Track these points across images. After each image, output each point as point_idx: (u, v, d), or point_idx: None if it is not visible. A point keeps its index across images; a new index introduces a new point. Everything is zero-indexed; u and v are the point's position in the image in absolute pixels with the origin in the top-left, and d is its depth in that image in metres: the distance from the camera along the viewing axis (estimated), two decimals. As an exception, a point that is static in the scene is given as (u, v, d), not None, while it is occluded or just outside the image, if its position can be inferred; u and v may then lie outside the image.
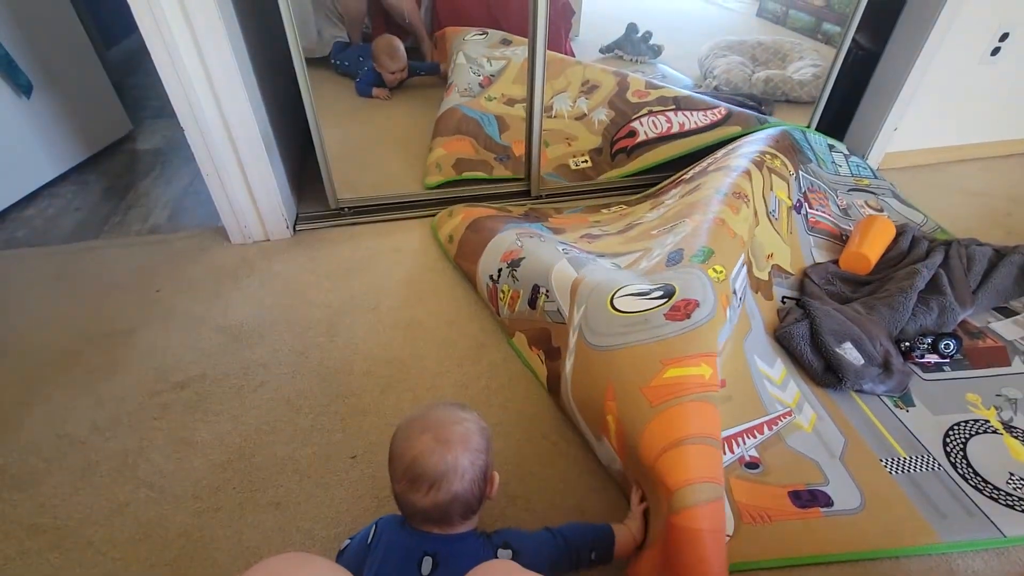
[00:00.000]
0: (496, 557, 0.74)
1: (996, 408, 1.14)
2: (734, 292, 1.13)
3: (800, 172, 1.61)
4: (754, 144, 1.60)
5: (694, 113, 1.80)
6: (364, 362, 1.24)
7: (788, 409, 1.13)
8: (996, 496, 0.98)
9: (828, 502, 0.97)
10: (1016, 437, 1.08)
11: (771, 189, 1.49)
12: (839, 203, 1.65)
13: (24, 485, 1.01)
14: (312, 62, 1.49)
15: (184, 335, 1.32)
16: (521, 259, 1.30)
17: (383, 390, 1.18)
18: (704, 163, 1.67)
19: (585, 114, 1.94)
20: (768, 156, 1.54)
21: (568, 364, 1.05)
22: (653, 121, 1.83)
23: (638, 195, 1.79)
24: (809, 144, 1.78)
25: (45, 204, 1.85)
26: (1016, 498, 0.98)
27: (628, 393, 0.90)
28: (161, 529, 0.93)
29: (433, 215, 1.72)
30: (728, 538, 0.92)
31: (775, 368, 1.22)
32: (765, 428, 1.09)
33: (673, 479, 0.79)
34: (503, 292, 1.30)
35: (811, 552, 0.91)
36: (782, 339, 1.26)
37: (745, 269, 1.25)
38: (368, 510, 0.96)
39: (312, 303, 1.41)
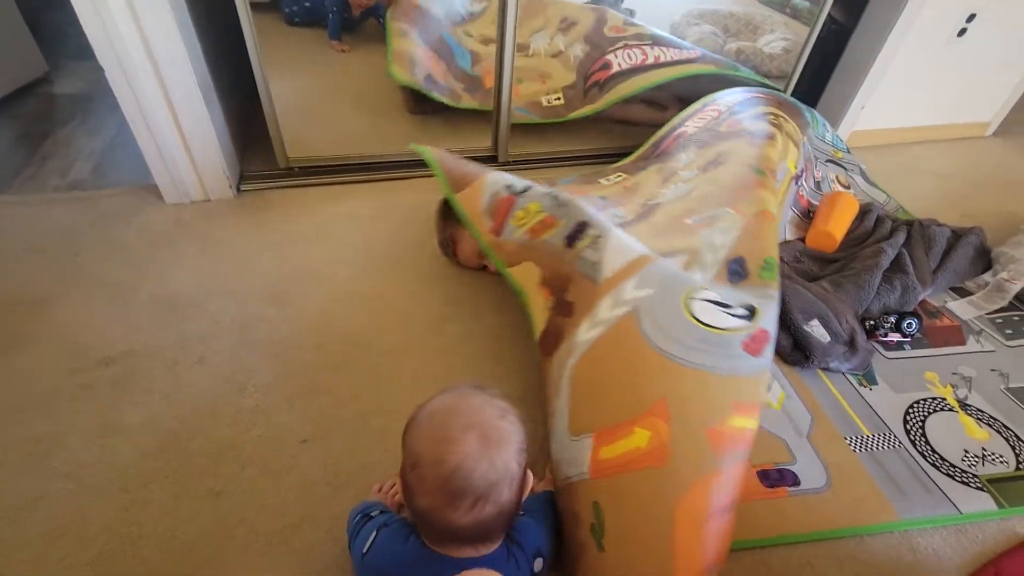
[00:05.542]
0: (532, 570, 0.67)
1: (952, 386, 1.16)
2: None
3: (805, 140, 1.53)
4: (756, 104, 1.50)
5: (669, 49, 1.75)
6: (316, 336, 1.14)
7: (757, 388, 1.11)
8: (952, 473, 1.00)
9: (795, 481, 0.97)
10: (970, 415, 1.11)
11: (784, 158, 1.38)
12: (816, 174, 1.63)
13: (-85, 477, 0.88)
14: (258, 7, 1.33)
15: (110, 306, 1.18)
16: (568, 197, 1.09)
17: (337, 368, 1.09)
18: (706, 115, 1.52)
19: (561, 51, 1.85)
20: (782, 119, 1.44)
21: (587, 332, 0.89)
22: (628, 54, 1.74)
23: (630, 157, 1.62)
24: (807, 108, 1.73)
25: (-59, 153, 1.62)
26: (970, 475, 1.00)
27: (690, 425, 0.77)
28: (80, 525, 0.83)
29: (393, 179, 1.60)
30: (698, 520, 0.89)
31: (744, 346, 1.19)
32: (735, 407, 1.07)
33: (709, 554, 0.70)
34: (526, 210, 1.06)
35: (778, 533, 0.90)
36: (752, 317, 1.24)
37: None
38: (321, 499, 0.88)
39: (258, 271, 1.28)
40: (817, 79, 1.94)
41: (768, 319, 0.91)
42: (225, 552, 0.81)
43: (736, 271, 1.02)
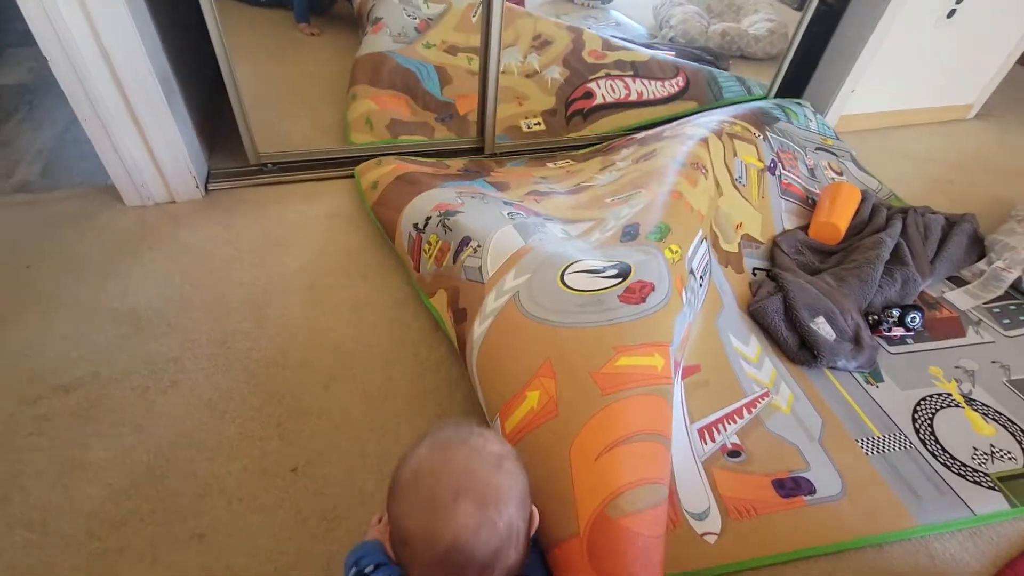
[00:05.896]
0: None
1: (956, 381, 1.15)
2: (691, 273, 1.08)
3: (768, 133, 1.54)
4: (711, 115, 1.55)
5: (652, 82, 1.76)
6: (301, 352, 1.06)
7: (765, 390, 1.08)
8: (964, 473, 0.99)
9: (811, 489, 0.94)
10: (976, 410, 1.10)
11: (735, 155, 1.42)
12: (807, 162, 1.61)
13: None
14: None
15: (68, 325, 1.07)
16: (458, 211, 1.17)
17: (326, 386, 1.01)
18: (659, 128, 1.60)
19: (537, 71, 1.77)
20: (727, 124, 1.49)
21: (479, 327, 0.96)
22: (611, 85, 1.74)
23: (586, 150, 1.69)
24: (775, 103, 1.72)
25: None
26: (982, 473, 0.99)
27: (574, 374, 0.83)
28: (46, 580, 0.75)
29: (374, 174, 1.51)
30: (716, 537, 0.86)
31: (750, 346, 1.16)
32: (744, 412, 1.04)
33: (619, 479, 0.73)
34: (429, 243, 1.15)
35: (797, 547, 0.87)
36: (756, 315, 1.20)
37: (706, 246, 1.19)
38: (317, 536, 0.81)
39: (233, 281, 1.19)
40: (806, 62, 1.89)
41: (646, 271, 0.98)
42: (213, 603, 0.74)
43: (629, 232, 1.11)
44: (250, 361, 1.04)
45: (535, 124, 1.69)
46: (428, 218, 1.19)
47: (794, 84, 1.93)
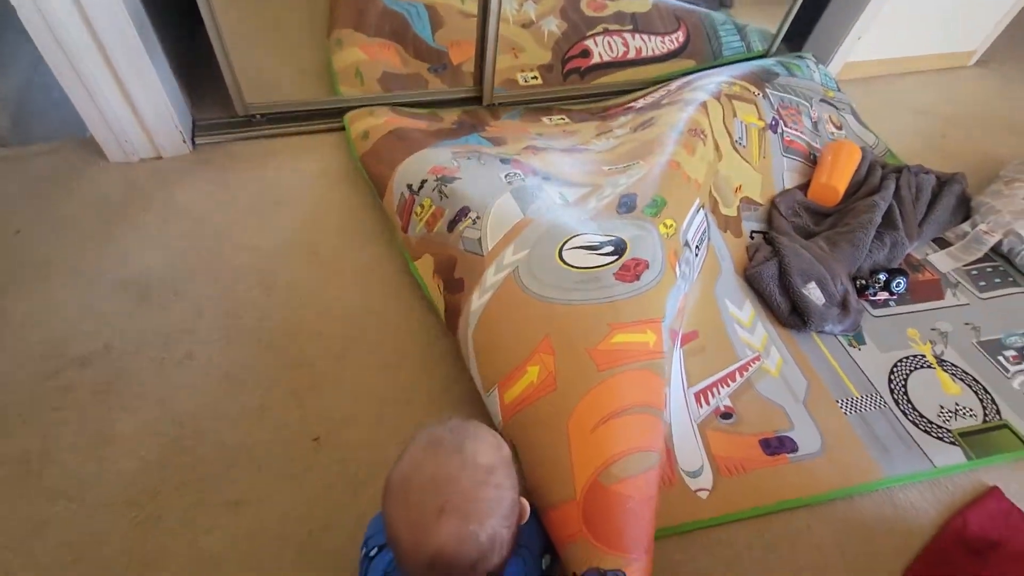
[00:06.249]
0: (541, 569, 0.69)
1: (931, 343, 1.23)
2: (685, 245, 1.12)
3: (767, 90, 1.52)
4: (709, 76, 1.53)
5: (652, 38, 1.70)
6: (313, 321, 1.08)
7: (757, 354, 1.15)
8: (929, 429, 1.09)
9: (794, 448, 1.03)
10: (946, 370, 1.19)
11: (735, 116, 1.42)
12: (811, 115, 1.60)
13: None
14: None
15: (71, 294, 1.06)
16: (455, 178, 1.16)
17: (339, 356, 1.04)
18: (657, 94, 1.58)
19: (533, 21, 1.67)
20: (725, 85, 1.46)
21: (478, 300, 0.99)
22: (609, 42, 1.67)
23: (581, 106, 1.66)
24: (776, 60, 1.67)
25: None
26: (945, 430, 1.09)
27: (572, 350, 0.89)
28: (95, 548, 0.80)
29: (368, 127, 1.45)
30: (708, 493, 0.96)
31: (744, 310, 1.22)
32: (737, 375, 1.11)
33: (612, 449, 0.81)
34: (422, 206, 1.16)
35: (779, 498, 0.97)
36: (752, 280, 1.25)
37: (703, 214, 1.22)
38: (342, 502, 0.87)
39: (236, 246, 1.17)
40: (812, 6, 1.82)
41: (640, 248, 1.02)
42: (259, 563, 0.81)
43: (625, 203, 1.13)
44: (262, 331, 1.05)
45: (532, 78, 1.63)
46: (424, 181, 1.18)
47: (799, 30, 1.86)
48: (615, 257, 1.00)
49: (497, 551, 0.52)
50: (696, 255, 1.17)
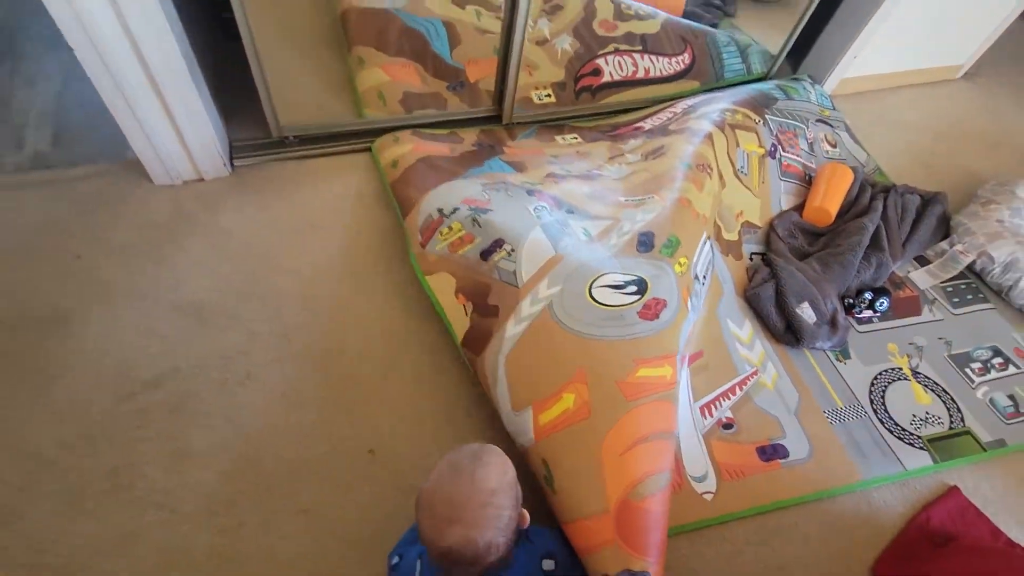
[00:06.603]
0: (541, 569, 0.83)
1: (908, 356, 1.38)
2: (695, 278, 1.26)
3: (767, 116, 1.62)
4: (713, 103, 1.62)
5: (660, 59, 1.79)
6: (357, 341, 1.19)
7: (755, 369, 1.29)
8: (902, 436, 1.24)
9: (785, 454, 1.18)
10: (920, 382, 1.34)
11: (738, 146, 1.53)
12: (808, 136, 1.71)
13: (3, 520, 0.91)
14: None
15: (135, 318, 1.15)
16: (488, 210, 1.27)
17: (384, 375, 1.15)
18: (663, 116, 1.68)
19: (547, 39, 1.73)
20: (728, 114, 1.56)
21: (515, 328, 1.10)
22: (619, 61, 1.77)
23: (591, 124, 1.75)
24: (774, 84, 1.77)
25: None
26: (916, 436, 1.24)
27: (603, 383, 1.02)
28: (186, 553, 0.92)
29: (396, 148, 1.53)
30: (712, 495, 1.10)
31: (744, 329, 1.35)
32: (737, 389, 1.25)
33: (639, 471, 0.95)
34: (449, 228, 1.26)
35: (774, 499, 1.12)
36: (751, 300, 1.37)
37: (708, 246, 1.36)
38: (392, 510, 1.00)
39: (280, 270, 1.27)
40: (812, 24, 1.90)
41: (660, 288, 1.15)
42: (329, 564, 0.93)
43: (644, 242, 1.25)
44: (312, 352, 1.16)
45: (546, 96, 1.71)
46: (456, 208, 1.27)
47: (797, 47, 1.95)
48: (638, 296, 1.12)
49: (493, 551, 0.69)
50: (703, 284, 1.30)
